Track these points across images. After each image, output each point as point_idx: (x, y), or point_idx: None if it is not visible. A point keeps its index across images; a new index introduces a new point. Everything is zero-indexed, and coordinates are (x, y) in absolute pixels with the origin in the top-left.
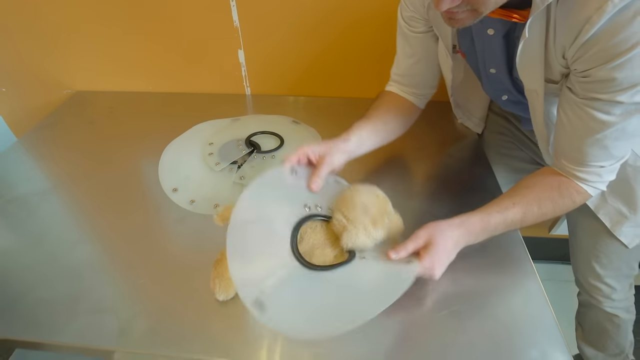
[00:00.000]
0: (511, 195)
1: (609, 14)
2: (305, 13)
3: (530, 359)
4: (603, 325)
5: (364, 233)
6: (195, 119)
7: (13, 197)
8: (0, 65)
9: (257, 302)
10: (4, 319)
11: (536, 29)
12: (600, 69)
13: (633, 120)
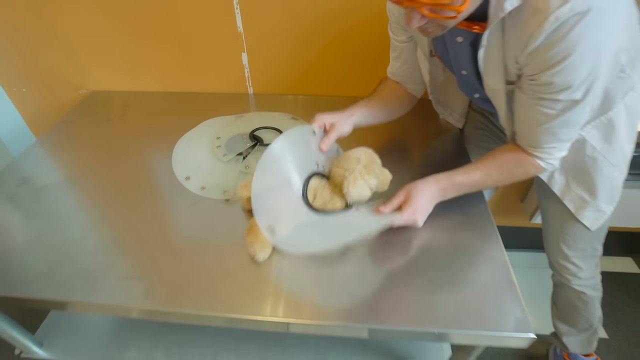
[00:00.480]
0: (477, 162)
1: (547, 30)
2: (303, 19)
3: (491, 316)
4: (573, 303)
5: (360, 178)
6: (203, 116)
7: (43, 185)
8: (22, 68)
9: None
10: (45, 283)
11: (494, 38)
12: (542, 75)
13: (572, 113)
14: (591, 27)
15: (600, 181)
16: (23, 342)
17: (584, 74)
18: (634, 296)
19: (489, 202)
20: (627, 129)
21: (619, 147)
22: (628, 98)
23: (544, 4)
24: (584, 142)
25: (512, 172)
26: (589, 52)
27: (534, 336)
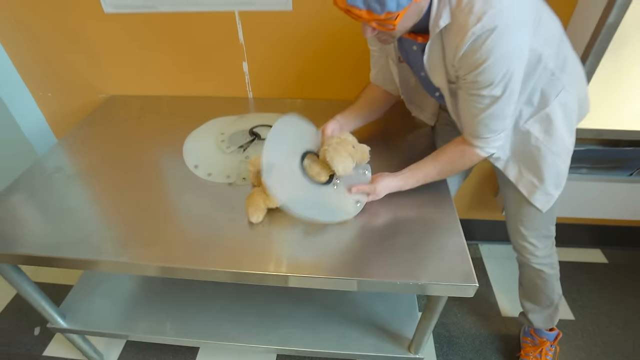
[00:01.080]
0: (432, 156)
1: (467, 42)
2: (297, 32)
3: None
4: (534, 281)
5: (340, 148)
6: (208, 116)
7: (73, 173)
8: (48, 73)
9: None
10: (79, 246)
11: (435, 47)
12: (469, 75)
13: (496, 106)
14: (499, 39)
15: (545, 168)
16: (50, 313)
17: (500, 74)
18: (600, 283)
19: (464, 196)
20: (565, 123)
21: (559, 138)
22: (561, 97)
23: (465, 22)
24: (528, 134)
25: (460, 162)
26: (501, 58)
27: (477, 285)
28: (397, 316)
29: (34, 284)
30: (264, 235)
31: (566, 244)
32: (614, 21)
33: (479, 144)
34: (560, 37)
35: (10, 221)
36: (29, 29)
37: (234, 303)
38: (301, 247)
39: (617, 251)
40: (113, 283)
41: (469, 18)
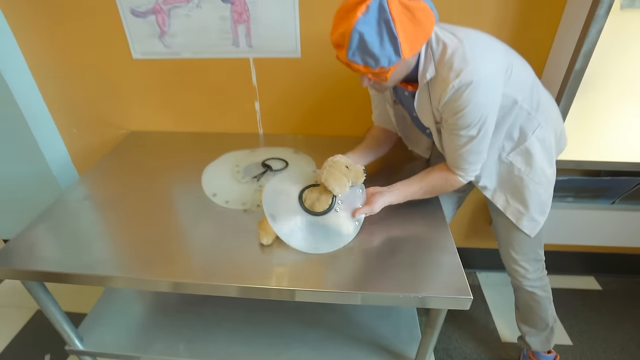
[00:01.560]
0: (418, 177)
1: (449, 93)
2: (303, 74)
3: (442, 287)
4: (529, 304)
5: (334, 169)
6: (223, 150)
7: (100, 201)
8: (75, 111)
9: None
10: (106, 264)
11: (423, 94)
12: (451, 118)
13: (473, 143)
14: (475, 91)
15: (529, 196)
16: (70, 335)
17: (476, 119)
18: (595, 310)
19: (461, 225)
20: (544, 155)
21: (539, 169)
22: (538, 133)
23: (446, 76)
24: (512, 165)
25: (442, 186)
26: (476, 106)
27: (471, 297)
28: (399, 337)
29: (58, 304)
30: (274, 255)
31: (561, 272)
32: (580, 67)
33: (459, 173)
34: (532, 81)
35: (42, 243)
36: (63, 71)
37: (244, 325)
38: (307, 267)
39: (610, 278)
40: (128, 307)
41: (449, 74)
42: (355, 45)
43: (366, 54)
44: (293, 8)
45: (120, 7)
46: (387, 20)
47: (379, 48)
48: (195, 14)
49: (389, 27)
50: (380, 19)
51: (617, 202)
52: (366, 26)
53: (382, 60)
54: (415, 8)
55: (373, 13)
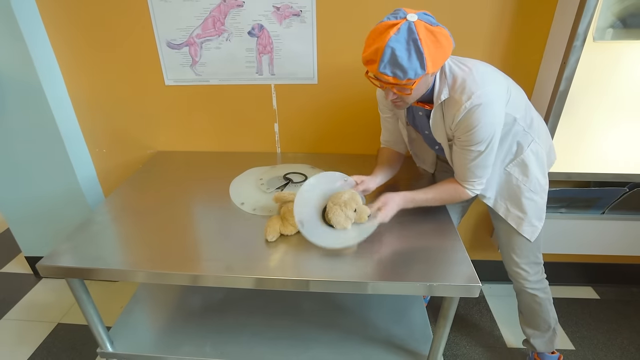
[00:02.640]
0: (431, 187)
1: (462, 113)
2: (319, 99)
3: (455, 278)
4: (531, 306)
5: (339, 209)
6: (245, 167)
7: (138, 211)
8: (107, 132)
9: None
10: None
11: (437, 113)
12: (462, 135)
13: (481, 158)
14: (484, 112)
15: (526, 203)
16: (102, 336)
17: (484, 136)
18: (595, 317)
19: (464, 237)
20: (537, 166)
21: (534, 178)
22: (532, 146)
23: (459, 99)
24: (510, 176)
25: (451, 195)
26: (486, 125)
27: (480, 284)
28: (413, 337)
29: (95, 307)
30: (294, 253)
31: (562, 283)
32: (564, 89)
33: (467, 186)
34: (525, 103)
35: (87, 245)
36: (99, 95)
37: (266, 329)
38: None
39: (608, 288)
40: (154, 312)
41: (462, 97)
42: (387, 59)
43: (396, 67)
44: (312, 41)
45: (157, 40)
46: (415, 40)
47: (407, 61)
48: (224, 46)
49: (416, 45)
50: (409, 38)
51: (607, 212)
52: (397, 43)
53: (410, 72)
54: (438, 33)
55: (403, 33)
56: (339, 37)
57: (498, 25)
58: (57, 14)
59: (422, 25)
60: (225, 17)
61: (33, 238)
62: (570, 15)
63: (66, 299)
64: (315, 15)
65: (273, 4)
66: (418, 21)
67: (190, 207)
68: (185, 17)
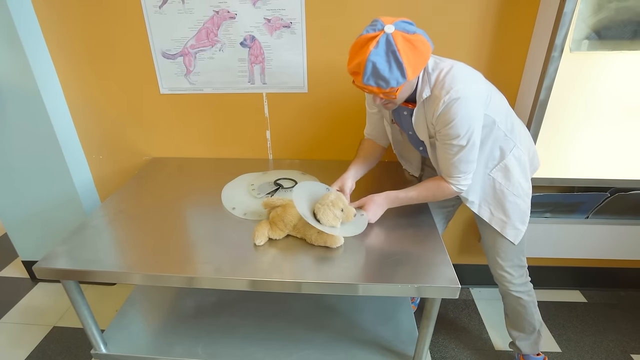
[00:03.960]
0: (415, 186)
1: (441, 107)
2: (309, 107)
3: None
4: (517, 309)
5: (327, 209)
6: (237, 173)
7: (132, 215)
8: (103, 139)
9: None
10: (143, 266)
11: (419, 111)
12: (442, 129)
13: (463, 153)
14: (462, 106)
15: (509, 207)
16: (96, 338)
17: (464, 130)
18: (581, 320)
19: (453, 242)
20: (520, 171)
21: (516, 183)
22: (514, 151)
23: (439, 94)
24: (494, 181)
25: (435, 192)
26: (463, 118)
27: (459, 286)
28: (399, 338)
29: (90, 309)
30: (287, 257)
31: (549, 286)
32: (544, 98)
33: (452, 182)
34: (506, 108)
35: (82, 248)
36: (95, 102)
37: (258, 330)
38: (314, 266)
39: (594, 292)
40: (147, 315)
41: (441, 92)
42: (370, 72)
43: (378, 78)
44: (302, 52)
45: (153, 50)
46: (394, 51)
47: (389, 72)
48: (217, 56)
49: (395, 57)
50: (388, 50)
51: (590, 217)
52: (377, 57)
53: (392, 82)
54: (415, 40)
55: (382, 46)
56: (327, 47)
57: (481, 38)
58: (56, 24)
59: (399, 36)
60: (219, 28)
61: (30, 243)
62: (548, 28)
63: (62, 303)
64: (305, 27)
65: (264, 16)
66: (395, 32)
67: (183, 212)
68: (180, 28)
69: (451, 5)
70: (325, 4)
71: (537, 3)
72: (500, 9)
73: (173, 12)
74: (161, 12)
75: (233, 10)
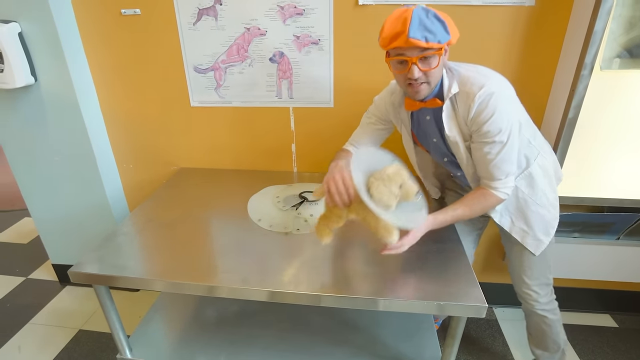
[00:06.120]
0: (458, 202)
1: (477, 102)
2: (334, 121)
3: (464, 299)
4: (541, 327)
5: (382, 185)
6: (262, 185)
7: (163, 223)
8: (134, 149)
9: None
10: (173, 275)
11: (449, 108)
12: (482, 127)
13: (504, 151)
14: (498, 100)
15: (532, 216)
16: (122, 342)
17: (503, 125)
18: (612, 346)
19: (476, 261)
20: (545, 180)
21: (540, 191)
22: (539, 160)
23: (470, 90)
24: (517, 189)
25: (482, 204)
26: (502, 113)
27: (486, 305)
28: (422, 357)
29: (118, 313)
30: (307, 270)
31: (577, 309)
32: (573, 116)
33: (496, 186)
34: (527, 115)
35: (113, 255)
36: (128, 115)
37: (279, 341)
38: (336, 280)
39: (626, 316)
40: (171, 324)
41: (473, 88)
42: (417, 24)
43: (425, 30)
44: (329, 68)
45: (185, 64)
46: (434, 13)
47: (433, 26)
48: (247, 71)
49: (436, 16)
50: (428, 12)
51: (622, 238)
52: (421, 13)
53: (438, 35)
54: (445, 16)
55: (420, 9)
56: (354, 63)
57: (508, 54)
58: (96, 41)
59: (431, 7)
60: (249, 44)
61: (60, 247)
62: (578, 46)
63: (88, 306)
64: (333, 44)
65: (293, 33)
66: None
67: (209, 222)
68: (212, 44)
69: (479, 19)
70: (353, 22)
71: (567, 20)
72: (528, 25)
73: (206, 29)
74: (195, 29)
75: (263, 28)
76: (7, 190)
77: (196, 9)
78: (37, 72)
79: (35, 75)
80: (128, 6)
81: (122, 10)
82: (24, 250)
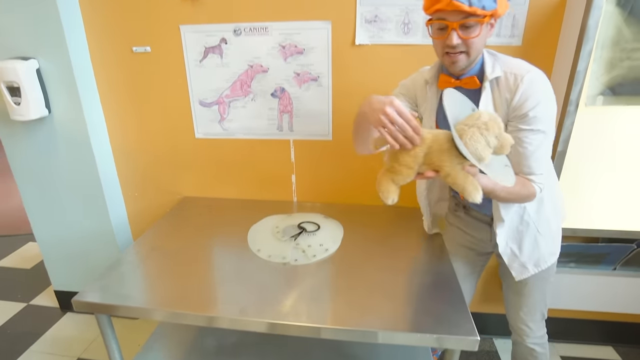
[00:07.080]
0: None
1: (526, 83)
2: (333, 153)
3: (455, 331)
4: (527, 359)
5: (478, 132)
6: (263, 215)
7: (167, 251)
8: (139, 178)
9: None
10: (170, 304)
11: (488, 94)
12: (529, 112)
13: (545, 143)
14: (547, 87)
15: (527, 241)
16: None
17: (549, 112)
18: None
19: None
20: (551, 205)
21: (544, 219)
22: (554, 187)
23: (518, 73)
24: (524, 208)
25: (521, 191)
26: (548, 100)
27: (478, 338)
28: None
29: (118, 342)
30: (307, 301)
31: (578, 341)
32: (562, 150)
33: (535, 179)
34: None
35: (115, 284)
36: (135, 145)
37: None
38: (336, 312)
39: (630, 349)
40: (172, 351)
41: (519, 71)
42: None
43: None
44: (327, 103)
45: (191, 98)
46: None
47: None
48: (250, 105)
49: None
50: None
51: (618, 268)
52: None
53: (485, 1)
54: None
55: None
56: (352, 98)
57: None
58: (108, 75)
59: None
60: (252, 80)
61: (63, 272)
62: (563, 84)
63: (87, 334)
64: (331, 80)
65: (294, 70)
66: None
67: (211, 252)
68: (217, 80)
69: None
70: (350, 60)
71: (552, 59)
72: None
73: (212, 66)
74: (201, 66)
75: (266, 65)
76: (13, 214)
77: (203, 47)
78: (51, 105)
79: (49, 107)
80: (139, 44)
81: (134, 47)
82: (26, 275)
